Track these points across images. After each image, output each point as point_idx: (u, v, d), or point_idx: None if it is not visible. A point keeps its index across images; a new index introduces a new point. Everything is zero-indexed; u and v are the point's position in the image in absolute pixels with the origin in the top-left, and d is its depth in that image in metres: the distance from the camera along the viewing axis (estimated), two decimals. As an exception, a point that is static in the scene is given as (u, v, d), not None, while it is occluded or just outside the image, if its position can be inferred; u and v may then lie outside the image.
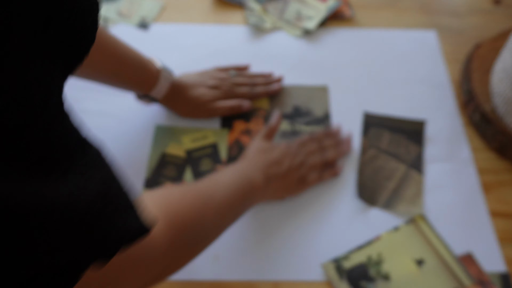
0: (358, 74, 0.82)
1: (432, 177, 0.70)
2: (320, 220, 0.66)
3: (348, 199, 0.68)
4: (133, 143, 0.72)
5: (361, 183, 0.68)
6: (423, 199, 0.67)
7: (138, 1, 0.91)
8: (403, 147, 0.72)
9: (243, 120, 0.76)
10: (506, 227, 0.65)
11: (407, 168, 0.70)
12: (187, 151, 0.72)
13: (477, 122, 0.74)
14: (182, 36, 0.87)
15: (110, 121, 0.75)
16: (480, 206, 0.67)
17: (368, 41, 0.87)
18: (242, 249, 0.63)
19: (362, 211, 0.67)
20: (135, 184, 0.68)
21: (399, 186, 0.68)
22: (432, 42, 0.87)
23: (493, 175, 0.71)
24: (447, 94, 0.80)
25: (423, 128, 0.74)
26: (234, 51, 0.85)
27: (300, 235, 0.64)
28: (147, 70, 0.69)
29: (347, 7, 0.92)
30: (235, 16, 0.91)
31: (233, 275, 0.61)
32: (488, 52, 0.80)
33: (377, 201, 0.67)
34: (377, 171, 0.70)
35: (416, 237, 0.64)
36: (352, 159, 0.72)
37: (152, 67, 0.69)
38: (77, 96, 0.78)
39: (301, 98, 0.79)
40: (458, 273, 0.61)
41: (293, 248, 0.63)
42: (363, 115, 0.76)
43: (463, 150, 0.73)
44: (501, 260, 0.62)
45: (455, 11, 0.93)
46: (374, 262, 0.62)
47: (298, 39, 0.87)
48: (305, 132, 0.74)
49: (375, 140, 0.73)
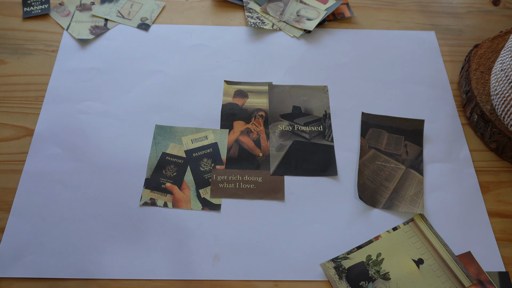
0: (357, 75, 0.82)
1: (431, 177, 0.70)
2: (320, 220, 0.66)
3: (347, 199, 0.68)
4: (133, 143, 0.73)
5: (361, 184, 0.68)
6: (424, 199, 0.68)
7: (138, 2, 0.92)
8: (402, 147, 0.72)
9: (243, 120, 0.76)
10: (505, 226, 0.66)
11: (407, 168, 0.70)
12: (187, 151, 0.72)
13: (476, 123, 0.74)
14: (182, 37, 0.87)
15: (110, 121, 0.75)
16: (479, 206, 0.68)
17: (367, 41, 0.87)
18: (242, 249, 0.63)
19: (361, 211, 0.67)
20: (135, 184, 0.69)
21: (400, 186, 0.69)
22: (431, 42, 0.88)
23: (491, 175, 0.71)
24: (446, 94, 0.80)
25: (422, 127, 0.75)
26: (234, 52, 0.85)
27: (300, 235, 0.65)
28: None
29: (347, 7, 0.92)
30: (235, 17, 0.91)
31: (233, 275, 0.61)
32: (487, 52, 0.80)
33: (377, 202, 0.67)
34: (377, 171, 0.70)
35: (415, 237, 0.64)
36: (352, 160, 0.72)
37: None
38: (77, 96, 0.78)
39: (301, 98, 0.79)
40: (457, 272, 0.61)
41: (293, 248, 0.64)
42: (361, 115, 0.76)
43: (462, 150, 0.73)
44: (500, 260, 0.63)
45: (454, 11, 0.93)
46: (373, 262, 0.62)
47: (298, 39, 0.87)
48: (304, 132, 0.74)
49: (374, 141, 0.73)
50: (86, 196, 0.67)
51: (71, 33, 0.86)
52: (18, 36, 0.86)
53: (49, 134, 0.73)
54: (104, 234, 0.64)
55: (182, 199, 0.67)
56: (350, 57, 0.85)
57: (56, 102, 0.77)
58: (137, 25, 0.88)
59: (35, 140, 0.73)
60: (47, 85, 0.79)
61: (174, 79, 0.81)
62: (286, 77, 0.81)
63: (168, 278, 0.61)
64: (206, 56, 0.84)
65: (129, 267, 0.62)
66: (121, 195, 0.68)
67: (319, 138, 0.74)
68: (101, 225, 0.65)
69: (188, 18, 0.90)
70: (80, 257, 0.62)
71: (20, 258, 0.62)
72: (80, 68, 0.81)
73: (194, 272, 0.61)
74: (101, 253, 0.62)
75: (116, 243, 0.63)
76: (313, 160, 0.72)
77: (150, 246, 0.63)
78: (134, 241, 0.64)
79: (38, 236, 0.64)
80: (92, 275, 0.61)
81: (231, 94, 0.79)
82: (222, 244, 0.64)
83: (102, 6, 0.90)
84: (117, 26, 0.88)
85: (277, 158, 0.72)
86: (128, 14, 0.90)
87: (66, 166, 0.70)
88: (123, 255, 0.62)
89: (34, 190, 0.68)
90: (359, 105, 0.78)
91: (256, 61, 0.84)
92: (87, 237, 0.64)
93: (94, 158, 0.71)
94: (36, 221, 0.65)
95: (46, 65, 0.82)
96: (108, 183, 0.69)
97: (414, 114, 0.77)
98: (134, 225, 0.65)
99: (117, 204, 0.67)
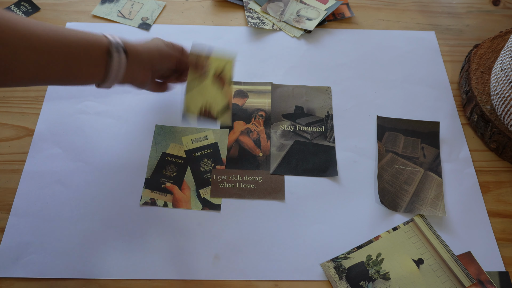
0: (357, 75, 0.82)
1: (431, 177, 0.70)
2: (320, 220, 0.66)
3: (347, 200, 0.68)
4: (133, 143, 0.73)
5: (382, 189, 0.68)
6: (444, 202, 0.67)
7: (139, 2, 0.92)
8: (419, 150, 0.72)
9: (243, 120, 0.76)
10: (505, 226, 0.66)
11: (425, 171, 0.70)
12: (187, 151, 0.72)
13: (476, 123, 0.74)
14: (183, 37, 0.87)
15: (110, 121, 0.75)
16: (479, 206, 0.68)
17: (367, 41, 0.87)
18: (242, 249, 0.63)
19: (361, 211, 0.67)
20: (135, 184, 0.69)
21: (420, 189, 0.68)
22: (431, 42, 0.88)
23: (491, 175, 0.71)
24: (446, 94, 0.80)
25: (438, 130, 0.74)
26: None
27: (300, 235, 0.65)
28: (90, 55, 0.55)
29: (347, 7, 0.92)
30: (235, 17, 0.91)
31: (233, 275, 0.61)
32: (487, 52, 0.80)
33: (399, 206, 0.67)
34: (396, 175, 0.70)
35: (415, 237, 0.64)
36: (352, 160, 0.72)
37: (98, 48, 0.56)
38: (77, 96, 0.78)
39: (303, 99, 0.79)
40: (457, 272, 0.61)
41: (293, 248, 0.64)
42: (376, 118, 0.76)
43: (462, 150, 0.73)
44: (500, 260, 0.63)
45: (454, 11, 0.93)
46: (373, 262, 0.62)
47: (298, 39, 0.87)
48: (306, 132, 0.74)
49: (391, 144, 0.73)
50: (86, 196, 0.67)
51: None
52: (18, 36, 0.86)
53: (49, 134, 0.73)
54: (104, 234, 0.64)
55: (182, 199, 0.67)
56: (350, 57, 0.85)
57: (56, 102, 0.77)
58: (138, 25, 0.88)
59: (35, 140, 0.73)
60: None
61: (174, 79, 0.81)
62: (286, 77, 0.81)
63: (168, 278, 0.61)
64: (206, 56, 0.84)
65: (129, 267, 0.62)
66: (121, 195, 0.67)
67: (321, 139, 0.74)
68: (101, 225, 0.65)
69: (188, 18, 0.90)
70: (80, 257, 0.62)
71: (20, 258, 0.62)
72: (80, 68, 0.81)
73: (194, 272, 0.61)
74: (101, 253, 0.62)
75: (116, 243, 0.63)
76: (313, 160, 0.72)
77: (150, 246, 0.63)
78: (134, 241, 0.64)
79: (38, 236, 0.64)
80: (92, 275, 0.61)
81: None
82: (222, 244, 0.64)
83: (102, 6, 0.90)
84: (118, 26, 0.88)
85: (278, 158, 0.72)
86: (129, 14, 0.90)
87: (66, 166, 0.70)
88: (123, 255, 0.62)
89: (34, 190, 0.68)
90: (359, 105, 0.78)
91: (256, 61, 0.84)
92: (87, 237, 0.64)
93: (94, 158, 0.71)
94: (36, 221, 0.65)
95: (46, 65, 0.82)
96: (108, 183, 0.68)
97: (414, 114, 0.77)
98: (134, 225, 0.65)
99: (117, 204, 0.67)
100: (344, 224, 0.66)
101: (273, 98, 0.79)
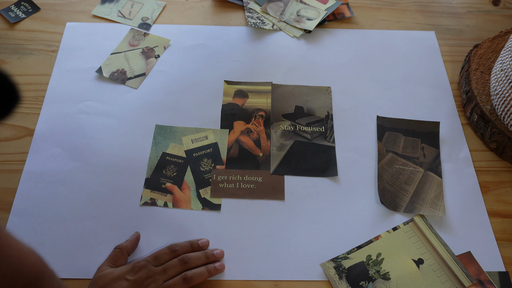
0: (357, 75, 0.82)
1: (431, 177, 0.70)
2: (320, 220, 0.66)
3: (347, 200, 0.68)
4: (133, 143, 0.73)
5: (382, 188, 0.68)
6: (444, 202, 0.67)
7: (139, 2, 0.92)
8: (419, 150, 0.72)
9: (243, 120, 0.76)
10: (505, 226, 0.66)
11: (425, 171, 0.70)
12: (187, 151, 0.72)
13: (476, 123, 0.74)
14: (182, 37, 0.87)
15: (110, 121, 0.75)
16: (479, 206, 0.68)
17: (367, 41, 0.87)
18: (242, 249, 0.63)
19: (361, 211, 0.67)
20: (135, 184, 0.69)
21: (420, 189, 0.68)
22: (431, 42, 0.88)
23: (491, 175, 0.71)
24: (446, 94, 0.80)
25: (438, 130, 0.74)
26: (234, 52, 0.85)
27: (300, 235, 0.65)
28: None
29: (347, 7, 0.92)
30: (235, 17, 0.91)
31: (233, 275, 0.61)
32: (487, 52, 0.80)
33: (399, 206, 0.67)
34: (396, 175, 0.70)
35: (415, 237, 0.64)
36: (352, 160, 0.72)
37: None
38: (77, 96, 0.78)
39: (304, 98, 0.79)
40: (457, 272, 0.61)
41: (293, 248, 0.64)
42: (376, 118, 0.76)
43: (462, 150, 0.73)
44: (500, 260, 0.63)
45: (454, 11, 0.93)
46: (373, 262, 0.62)
47: (298, 39, 0.87)
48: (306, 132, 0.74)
49: (391, 144, 0.73)
50: (86, 196, 0.67)
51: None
52: (18, 36, 0.86)
53: (49, 134, 0.73)
54: (104, 234, 0.64)
55: (182, 199, 0.67)
56: (350, 57, 0.85)
57: (56, 102, 0.77)
58: (138, 24, 0.88)
59: (35, 140, 0.73)
60: (47, 85, 0.79)
61: (174, 79, 0.81)
62: (286, 77, 0.81)
63: (168, 278, 0.61)
64: (206, 56, 0.84)
65: (129, 267, 0.61)
66: (121, 195, 0.67)
67: (321, 139, 0.74)
68: (101, 225, 0.65)
69: (188, 18, 0.90)
70: (80, 257, 0.62)
71: (20, 258, 0.62)
72: (80, 68, 0.81)
73: (194, 272, 0.61)
74: (101, 253, 0.62)
75: (116, 243, 0.63)
76: (313, 160, 0.72)
77: (150, 246, 0.63)
78: (134, 241, 0.64)
79: (38, 236, 0.64)
80: (92, 275, 0.60)
81: (231, 94, 0.79)
82: (222, 244, 0.64)
83: (102, 6, 0.90)
84: (118, 26, 0.88)
85: (278, 158, 0.72)
86: (129, 14, 0.90)
87: (66, 166, 0.70)
88: (123, 255, 0.62)
89: (34, 190, 0.68)
90: (359, 105, 0.78)
91: (256, 61, 0.84)
92: (87, 237, 0.64)
93: (94, 158, 0.71)
94: (36, 221, 0.65)
95: (46, 65, 0.82)
96: (108, 183, 0.68)
97: (414, 114, 0.77)
98: (134, 225, 0.65)
99: (117, 204, 0.67)
100: (344, 224, 0.66)
101: (273, 98, 0.79)
